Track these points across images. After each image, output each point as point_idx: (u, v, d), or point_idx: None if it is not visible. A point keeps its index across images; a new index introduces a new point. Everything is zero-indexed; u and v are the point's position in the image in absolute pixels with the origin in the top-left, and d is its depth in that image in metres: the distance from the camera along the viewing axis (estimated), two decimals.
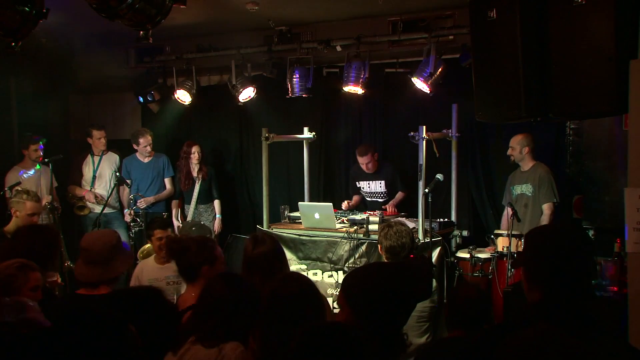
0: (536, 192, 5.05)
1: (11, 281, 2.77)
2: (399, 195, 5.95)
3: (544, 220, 4.95)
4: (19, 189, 5.04)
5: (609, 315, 3.32)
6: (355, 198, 6.14)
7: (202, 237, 3.25)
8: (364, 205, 6.07)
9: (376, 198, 6.03)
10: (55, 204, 5.78)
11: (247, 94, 6.27)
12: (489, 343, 1.73)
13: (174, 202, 6.65)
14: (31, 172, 6.03)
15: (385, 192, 5.98)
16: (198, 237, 3.33)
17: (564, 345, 1.62)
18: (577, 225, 4.67)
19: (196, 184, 6.46)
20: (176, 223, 6.49)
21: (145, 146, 6.48)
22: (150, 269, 4.15)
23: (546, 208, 5.00)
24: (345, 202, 6.03)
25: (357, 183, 6.12)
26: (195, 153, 6.42)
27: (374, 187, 6.02)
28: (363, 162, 5.86)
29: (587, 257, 1.92)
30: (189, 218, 6.44)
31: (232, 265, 5.68)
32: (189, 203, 6.53)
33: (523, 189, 5.17)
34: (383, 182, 5.97)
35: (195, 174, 6.48)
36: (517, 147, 5.15)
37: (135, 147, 6.54)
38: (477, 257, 4.77)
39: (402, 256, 3.59)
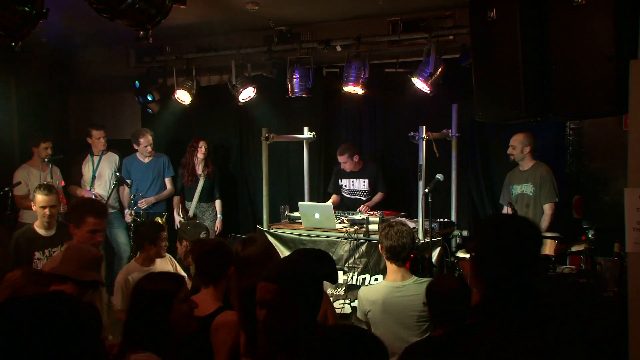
0: (538, 192, 5.04)
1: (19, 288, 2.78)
2: (378, 196, 5.99)
3: (545, 220, 4.97)
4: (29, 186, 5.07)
5: (608, 315, 3.33)
6: (335, 198, 6.16)
7: (221, 240, 3.23)
8: (343, 204, 6.09)
9: (358, 196, 6.07)
10: None
11: (247, 94, 6.27)
12: (449, 347, 1.72)
13: (175, 199, 6.65)
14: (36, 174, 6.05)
15: (368, 190, 6.03)
16: (218, 239, 3.30)
17: (513, 347, 1.61)
18: (526, 220, 4.63)
19: (200, 181, 6.47)
20: (178, 218, 6.50)
21: (146, 146, 6.48)
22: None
23: (547, 208, 5.01)
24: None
25: (339, 181, 6.16)
26: (202, 147, 6.44)
27: (357, 185, 6.07)
28: (340, 160, 5.96)
29: (532, 252, 1.86)
30: (190, 214, 6.46)
31: None
32: (190, 200, 6.53)
33: (523, 188, 5.17)
34: (367, 180, 6.02)
35: (199, 170, 6.48)
36: (519, 146, 5.15)
37: (135, 147, 6.54)
38: None
39: (402, 256, 3.59)
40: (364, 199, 6.02)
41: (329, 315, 3.08)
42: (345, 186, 6.15)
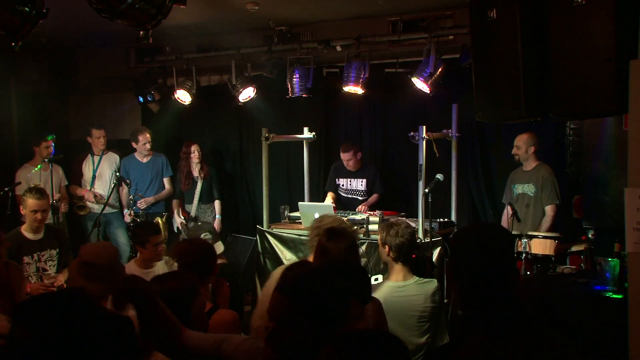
0: (539, 193, 5.05)
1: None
2: (374, 197, 5.99)
3: (547, 221, 4.97)
4: (31, 185, 5.04)
5: (608, 315, 3.33)
6: (332, 196, 6.17)
7: (205, 240, 3.21)
8: (339, 203, 6.08)
9: (355, 196, 6.08)
10: (57, 203, 5.78)
11: (247, 94, 6.27)
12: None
13: (174, 201, 6.64)
14: (33, 171, 6.03)
15: (365, 190, 6.05)
16: (202, 240, 3.27)
17: (497, 355, 1.58)
18: (497, 226, 4.60)
19: (198, 183, 6.47)
20: (179, 220, 6.49)
21: (145, 143, 6.46)
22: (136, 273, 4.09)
23: (549, 210, 5.01)
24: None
25: (337, 180, 6.17)
26: (195, 152, 6.43)
27: (355, 184, 6.08)
28: (345, 158, 5.94)
29: (509, 259, 1.81)
30: (192, 215, 6.46)
31: (232, 265, 5.70)
32: (189, 202, 6.53)
33: (525, 188, 5.17)
34: (365, 180, 6.03)
35: (196, 173, 6.48)
36: (524, 147, 5.16)
37: (134, 145, 6.53)
38: None
39: (408, 254, 3.56)
40: (360, 198, 6.03)
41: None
42: (343, 185, 6.16)
